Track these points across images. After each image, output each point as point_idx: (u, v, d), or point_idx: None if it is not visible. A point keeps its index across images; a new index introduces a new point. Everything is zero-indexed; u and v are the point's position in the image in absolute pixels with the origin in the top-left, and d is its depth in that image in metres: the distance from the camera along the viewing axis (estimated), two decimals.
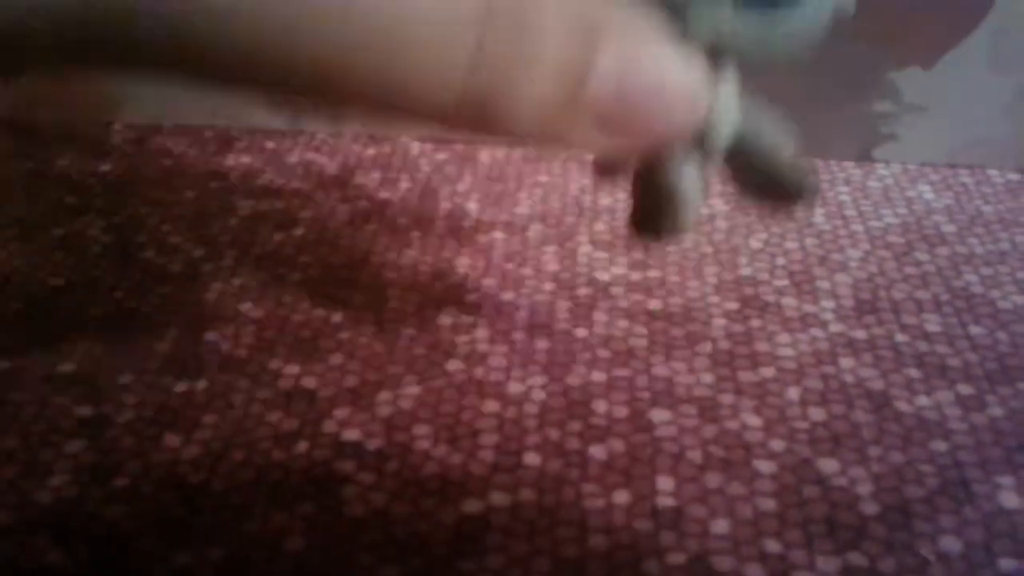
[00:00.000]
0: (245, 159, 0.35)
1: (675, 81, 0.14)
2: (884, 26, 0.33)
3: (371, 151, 0.36)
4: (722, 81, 0.20)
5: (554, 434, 0.23)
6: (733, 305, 0.28)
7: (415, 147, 0.36)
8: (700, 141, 0.21)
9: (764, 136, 0.21)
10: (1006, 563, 0.20)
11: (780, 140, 0.21)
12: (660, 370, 0.25)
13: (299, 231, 0.31)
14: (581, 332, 0.27)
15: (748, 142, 0.21)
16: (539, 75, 0.12)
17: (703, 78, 0.14)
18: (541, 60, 0.12)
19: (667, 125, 0.14)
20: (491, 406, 0.24)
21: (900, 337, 0.27)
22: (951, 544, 0.21)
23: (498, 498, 0.22)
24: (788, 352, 0.26)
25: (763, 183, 0.22)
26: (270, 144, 0.36)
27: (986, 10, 0.33)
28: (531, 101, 0.13)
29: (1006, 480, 0.22)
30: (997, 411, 0.24)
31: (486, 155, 0.36)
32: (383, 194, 0.33)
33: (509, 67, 0.12)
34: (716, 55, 0.16)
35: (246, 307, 0.28)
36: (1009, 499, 0.22)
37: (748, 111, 0.21)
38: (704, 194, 0.22)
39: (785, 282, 0.29)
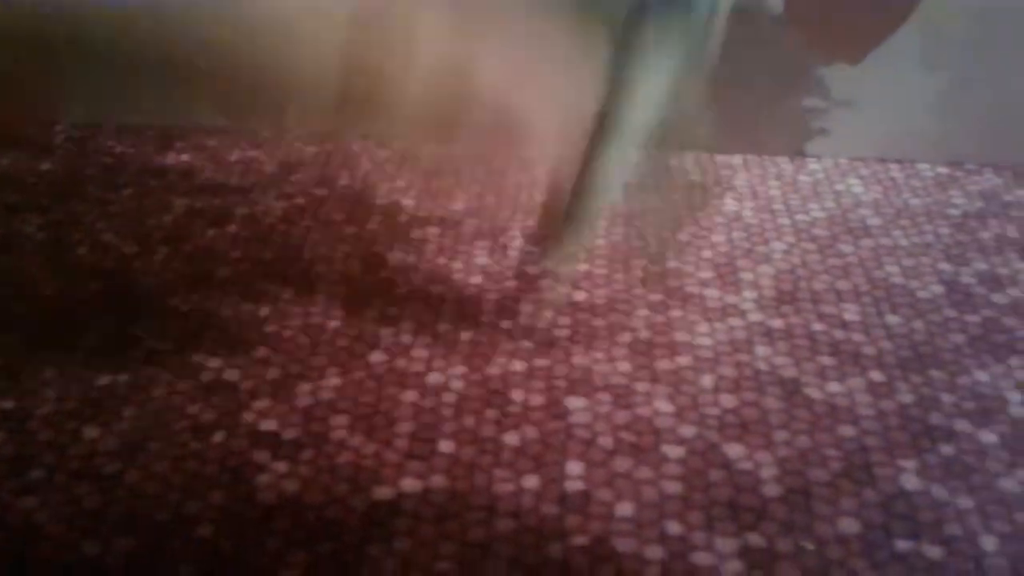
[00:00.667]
0: (185, 157, 0.35)
1: None
2: (813, 23, 0.33)
3: (312, 149, 0.36)
4: (652, 71, 0.21)
5: (470, 422, 0.24)
6: (657, 297, 0.28)
7: (356, 145, 0.36)
8: (620, 124, 0.22)
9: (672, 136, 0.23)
10: (902, 544, 0.21)
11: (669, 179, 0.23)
12: (579, 359, 0.26)
13: (233, 228, 0.32)
14: (505, 324, 0.27)
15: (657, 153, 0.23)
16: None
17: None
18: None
19: None
20: (410, 396, 0.25)
21: (817, 326, 0.27)
22: (849, 525, 0.21)
23: (409, 484, 0.22)
24: (706, 341, 0.26)
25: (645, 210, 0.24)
26: (211, 142, 0.36)
27: (914, 6, 0.33)
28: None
29: (909, 463, 0.23)
30: (907, 398, 0.25)
31: (427, 153, 0.36)
32: (320, 191, 0.34)
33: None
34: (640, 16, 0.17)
35: (174, 302, 0.28)
36: (910, 481, 0.22)
37: (672, 114, 0.23)
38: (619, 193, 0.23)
39: (710, 274, 0.29)
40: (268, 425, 0.24)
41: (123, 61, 0.28)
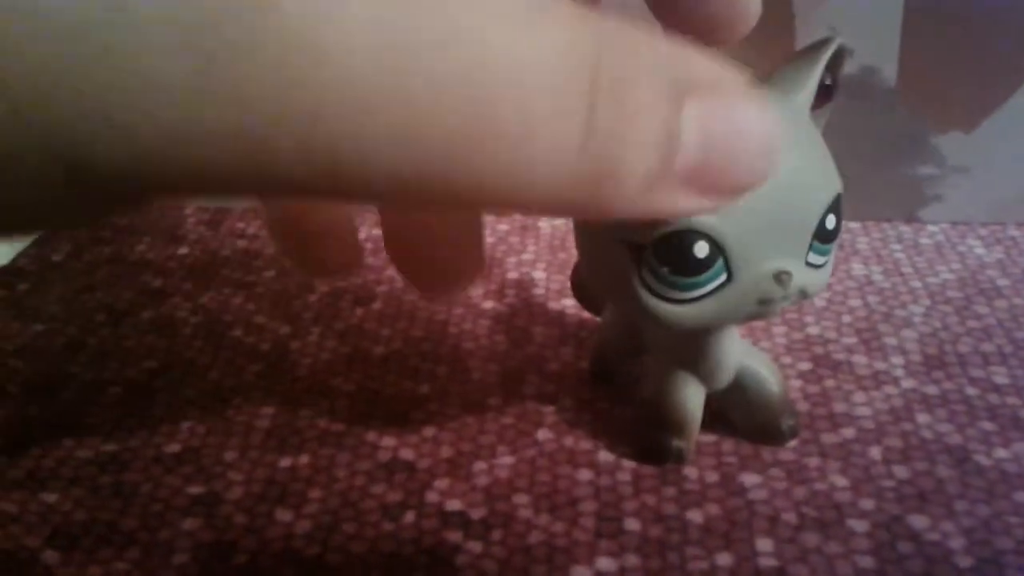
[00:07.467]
0: None
1: (752, 125, 0.14)
2: (926, 93, 0.34)
3: None
4: (727, 330, 0.23)
5: (651, 500, 0.24)
6: (806, 365, 0.29)
7: None
8: (706, 375, 0.24)
9: (757, 375, 0.25)
10: None
11: (770, 379, 0.25)
12: (745, 434, 0.26)
13: (377, 305, 0.33)
14: None
15: (744, 378, 0.25)
16: (641, 143, 0.12)
17: (776, 123, 0.14)
18: (642, 126, 0.12)
19: (750, 171, 0.14)
20: (585, 474, 0.25)
21: (970, 391, 0.28)
22: None
23: (605, 564, 0.22)
24: (865, 411, 0.27)
25: (749, 417, 0.25)
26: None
27: None
28: (637, 173, 0.12)
29: None
30: None
31: (546, 224, 0.37)
32: None
33: (614, 139, 0.12)
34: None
35: (336, 381, 0.29)
36: None
37: (747, 350, 0.25)
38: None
39: (853, 340, 0.30)
40: (454, 505, 0.24)
41: None
